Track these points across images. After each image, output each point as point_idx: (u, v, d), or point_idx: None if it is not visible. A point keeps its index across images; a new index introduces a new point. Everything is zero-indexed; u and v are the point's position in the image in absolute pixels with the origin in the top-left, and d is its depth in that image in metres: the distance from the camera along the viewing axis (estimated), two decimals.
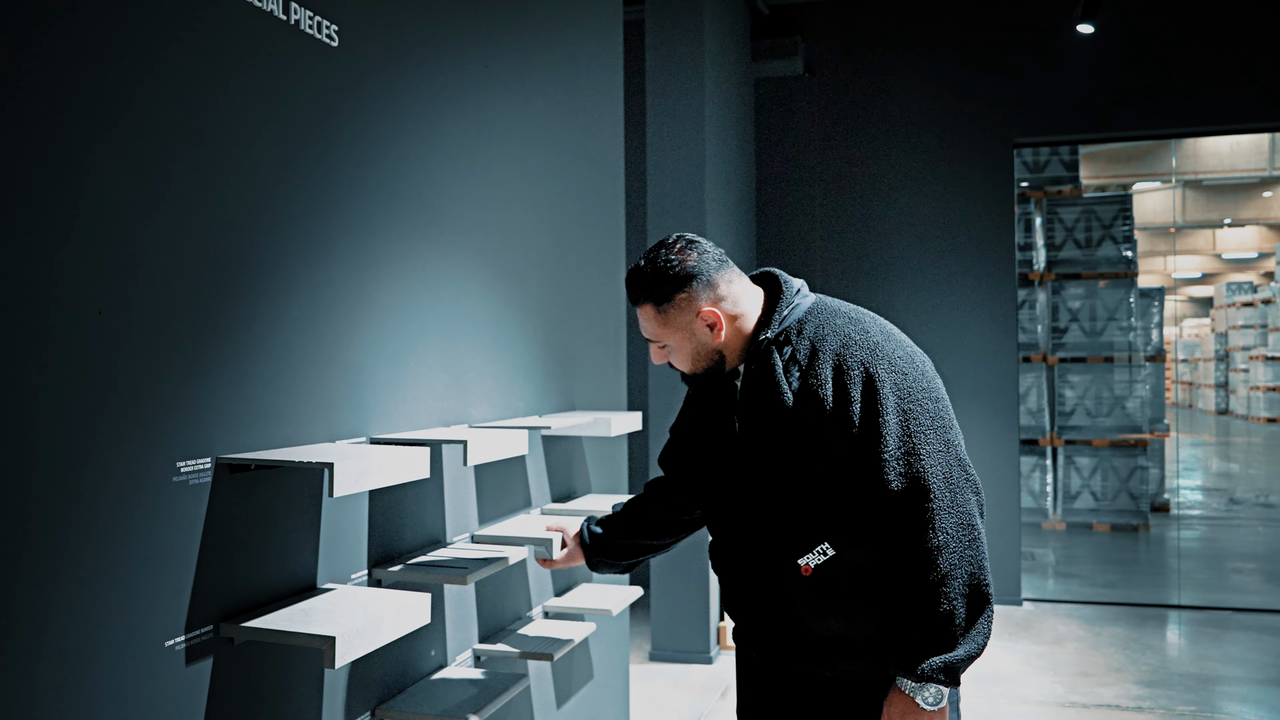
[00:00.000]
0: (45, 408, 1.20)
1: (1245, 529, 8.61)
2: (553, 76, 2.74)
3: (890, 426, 1.57)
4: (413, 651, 1.99)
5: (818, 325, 1.68)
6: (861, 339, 1.64)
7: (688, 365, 1.75)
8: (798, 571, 1.63)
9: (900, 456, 1.56)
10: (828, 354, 1.63)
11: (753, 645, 1.76)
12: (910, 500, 1.56)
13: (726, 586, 1.80)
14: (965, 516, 1.57)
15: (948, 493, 1.56)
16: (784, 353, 1.67)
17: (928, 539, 1.54)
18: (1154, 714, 4.05)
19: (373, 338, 1.88)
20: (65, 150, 1.24)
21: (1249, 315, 14.38)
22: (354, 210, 1.83)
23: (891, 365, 1.62)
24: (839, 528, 1.61)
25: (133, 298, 1.33)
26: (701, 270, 1.70)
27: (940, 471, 1.57)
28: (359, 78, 1.85)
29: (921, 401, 1.60)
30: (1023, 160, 7.88)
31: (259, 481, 1.56)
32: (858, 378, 1.60)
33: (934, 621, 1.54)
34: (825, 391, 1.60)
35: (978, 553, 1.57)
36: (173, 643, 1.39)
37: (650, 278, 1.70)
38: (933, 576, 1.54)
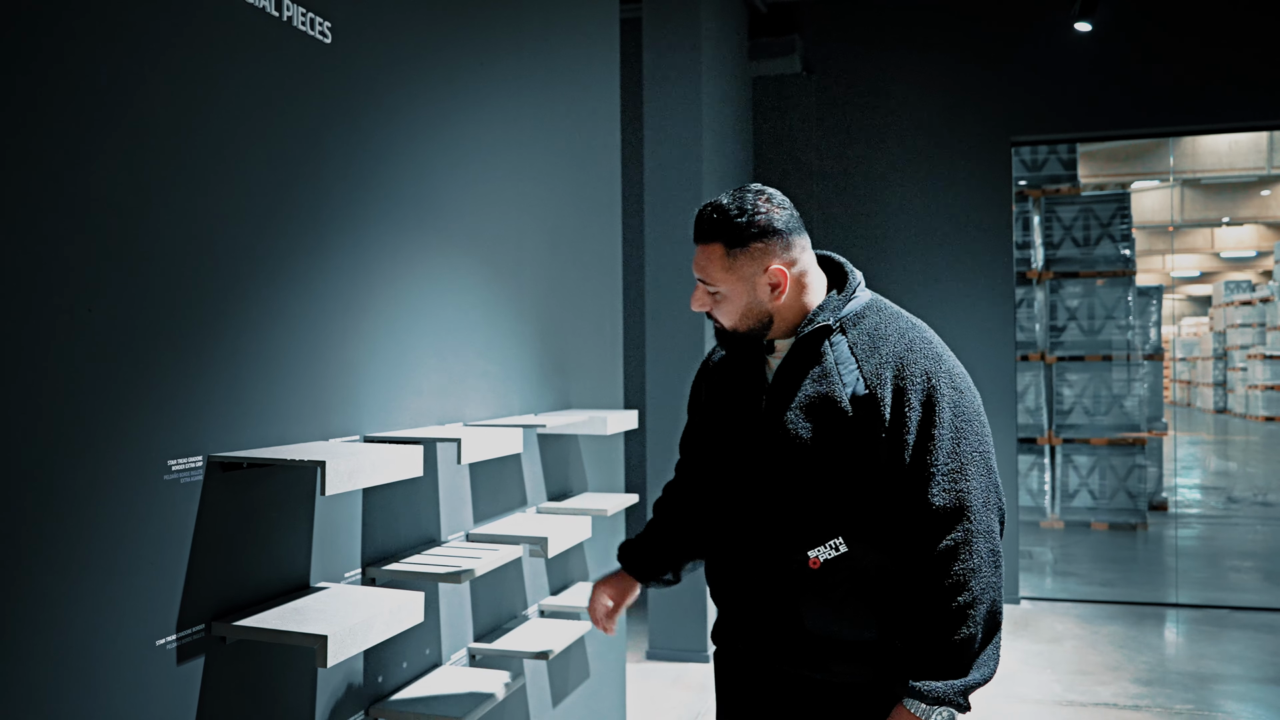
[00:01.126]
0: (34, 406, 1.20)
1: (1243, 527, 8.61)
2: (549, 74, 2.73)
3: (943, 441, 1.55)
4: (407, 650, 1.98)
5: (879, 323, 1.64)
6: (925, 347, 1.62)
7: (733, 320, 1.66)
8: (805, 563, 1.58)
9: (948, 473, 1.54)
10: (889, 355, 1.60)
11: (739, 639, 1.71)
12: (949, 519, 1.53)
13: (721, 573, 1.73)
14: (996, 543, 1.56)
15: (985, 517, 1.55)
16: (838, 341, 1.62)
17: (961, 561, 1.52)
18: (1151, 712, 4.05)
19: (366, 335, 1.87)
20: (54, 146, 1.23)
21: (1247, 314, 14.38)
22: (348, 207, 1.82)
23: (951, 380, 1.60)
24: (856, 525, 1.57)
25: (122, 295, 1.32)
26: (785, 229, 1.62)
27: (980, 495, 1.55)
28: (352, 75, 1.84)
29: (973, 422, 1.59)
30: (1021, 159, 7.88)
31: (251, 480, 1.56)
32: (919, 385, 1.57)
33: (954, 645, 1.51)
34: (883, 393, 1.57)
35: (1000, 580, 1.56)
36: (164, 642, 1.39)
37: (732, 218, 1.61)
38: (961, 599, 1.51)
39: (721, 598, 1.74)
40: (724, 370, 1.77)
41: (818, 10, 5.99)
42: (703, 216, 1.65)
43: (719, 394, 1.76)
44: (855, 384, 1.58)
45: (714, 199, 1.65)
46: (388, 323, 1.94)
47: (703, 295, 1.68)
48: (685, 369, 4.85)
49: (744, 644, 1.70)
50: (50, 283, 1.22)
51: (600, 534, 2.97)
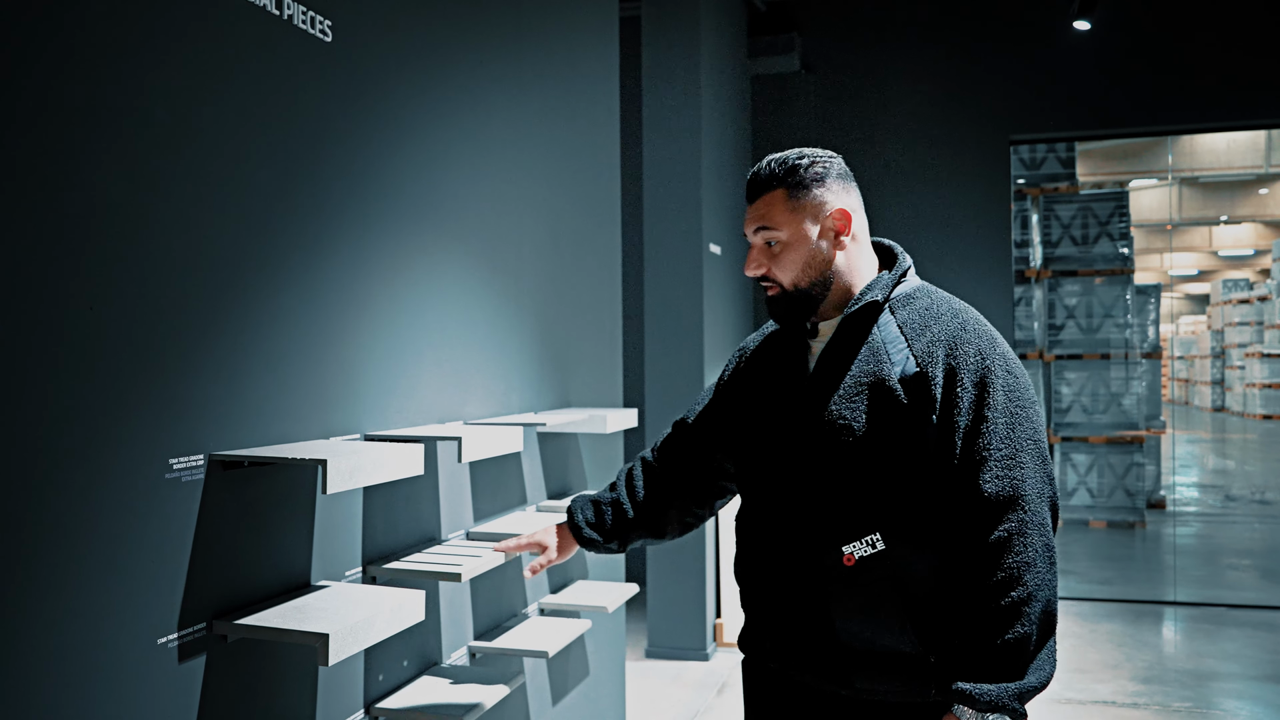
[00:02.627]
0: (35, 404, 1.20)
1: (1241, 525, 8.62)
2: (548, 73, 2.73)
3: (997, 426, 1.46)
4: (407, 649, 1.98)
5: (930, 303, 1.57)
6: (978, 327, 1.54)
7: (793, 273, 1.57)
8: (839, 560, 1.49)
9: (1000, 460, 1.45)
10: (941, 333, 1.51)
11: (766, 643, 1.60)
12: (1002, 509, 1.43)
13: (750, 571, 1.63)
14: (1049, 537, 1.46)
15: (1039, 508, 1.45)
16: (886, 321, 1.55)
17: (1015, 554, 1.41)
18: (1150, 710, 4.05)
19: (367, 334, 1.87)
20: (54, 145, 1.23)
21: (1245, 312, 14.40)
22: (348, 206, 1.82)
23: (1005, 363, 1.51)
24: (897, 521, 1.48)
25: (123, 293, 1.32)
26: (840, 174, 1.59)
27: (1035, 484, 1.45)
28: (353, 73, 1.84)
29: (1027, 408, 1.49)
30: (1019, 157, 7.88)
31: (252, 478, 1.56)
32: (973, 366, 1.48)
33: (1008, 645, 1.40)
34: (935, 372, 1.48)
35: (1055, 577, 1.45)
36: (165, 640, 1.39)
37: (794, 161, 1.56)
38: (1016, 595, 1.40)
39: (750, 599, 1.65)
40: (762, 357, 1.70)
41: (817, 9, 5.99)
42: (759, 170, 1.59)
43: (755, 381, 1.67)
44: (905, 363, 1.50)
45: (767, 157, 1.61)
46: (388, 321, 1.94)
47: (759, 252, 1.59)
48: (684, 368, 4.85)
49: (771, 646, 1.60)
50: (51, 281, 1.22)
51: None
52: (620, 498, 1.85)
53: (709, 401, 1.81)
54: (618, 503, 1.85)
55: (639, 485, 1.84)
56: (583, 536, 1.84)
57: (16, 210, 1.18)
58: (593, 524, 1.85)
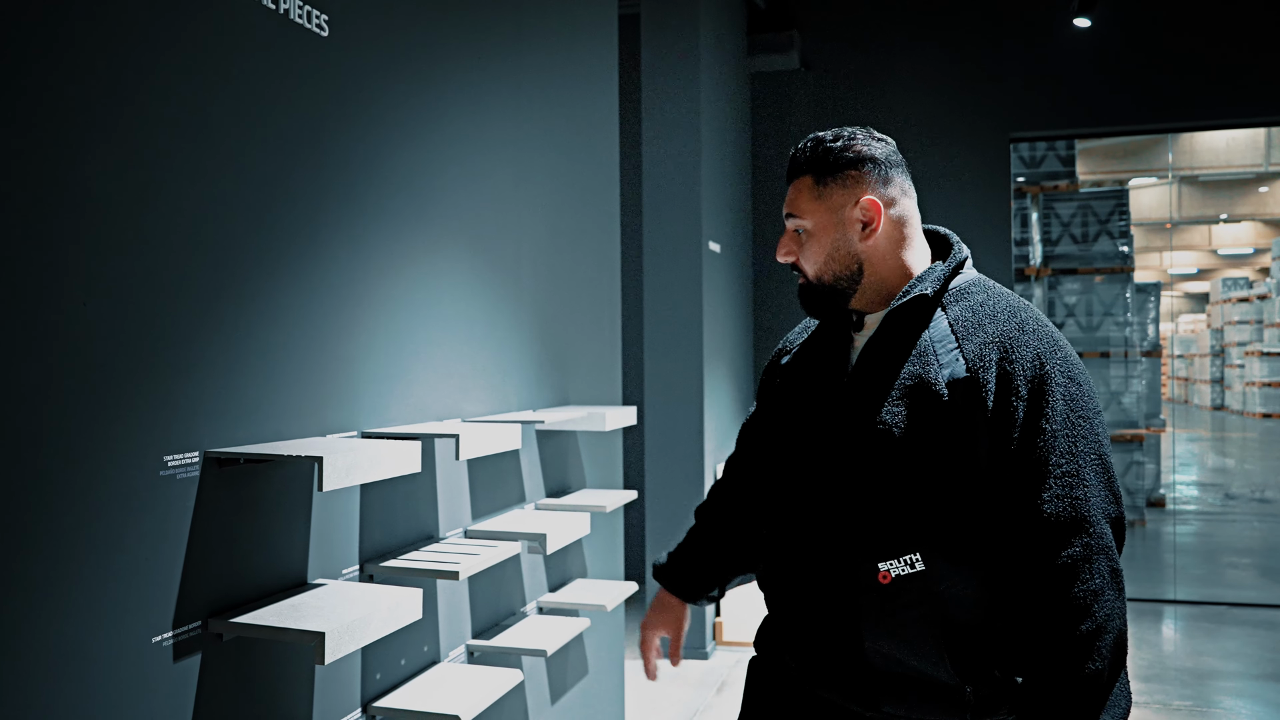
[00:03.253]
0: (27, 400, 1.18)
1: (1241, 524, 8.61)
2: (547, 69, 2.72)
3: (1058, 438, 1.32)
4: (405, 647, 1.97)
5: (986, 299, 1.43)
6: (1038, 328, 1.40)
7: (817, 264, 1.48)
8: (874, 576, 1.37)
9: (1061, 476, 1.32)
10: (995, 334, 1.38)
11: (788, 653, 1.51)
12: (1064, 531, 1.30)
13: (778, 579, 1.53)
14: (1117, 560, 1.33)
15: (1104, 530, 1.31)
16: (938, 317, 1.42)
17: (1082, 582, 1.29)
18: (1150, 709, 4.04)
19: (364, 330, 1.86)
20: (47, 140, 1.22)
21: (1244, 311, 14.40)
22: (345, 202, 1.81)
23: (1067, 367, 1.37)
24: (940, 539, 1.35)
25: (118, 288, 1.31)
26: (883, 160, 1.47)
27: (1100, 505, 1.32)
28: (349, 68, 1.83)
29: (1091, 420, 1.36)
30: (1019, 155, 7.87)
31: (248, 475, 1.54)
32: (1030, 370, 1.35)
33: (1079, 683, 1.28)
34: (987, 377, 1.35)
35: (1124, 604, 1.32)
36: (160, 639, 1.38)
37: (826, 143, 1.47)
38: (1085, 628, 1.27)
39: (775, 605, 1.55)
40: (802, 352, 1.59)
41: (816, 6, 5.97)
42: (794, 153, 1.51)
43: (793, 377, 1.57)
44: (954, 365, 1.37)
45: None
46: (385, 318, 1.93)
47: (789, 240, 1.50)
48: (683, 365, 4.84)
49: (793, 659, 1.50)
50: (44, 276, 1.21)
51: (599, 530, 2.97)
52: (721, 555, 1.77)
53: (756, 407, 1.72)
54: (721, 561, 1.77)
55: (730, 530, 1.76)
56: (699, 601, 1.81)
57: (9, 205, 1.17)
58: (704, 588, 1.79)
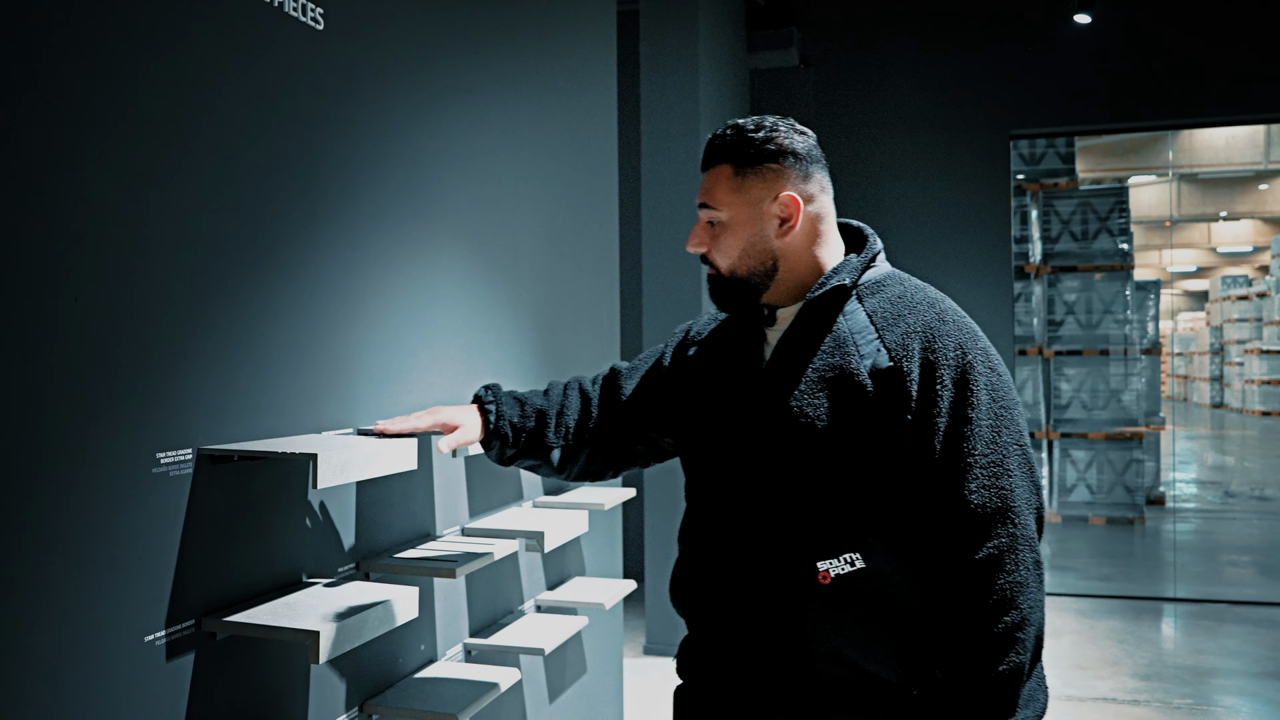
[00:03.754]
0: (16, 396, 1.17)
1: (1240, 522, 8.61)
2: (546, 66, 2.70)
3: (981, 429, 1.32)
4: (401, 646, 1.96)
5: (903, 290, 1.42)
6: (958, 319, 1.38)
7: (732, 258, 1.43)
8: (814, 577, 1.33)
9: (986, 466, 1.31)
10: (917, 323, 1.36)
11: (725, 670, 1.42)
12: (989, 521, 1.30)
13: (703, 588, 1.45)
14: (1039, 552, 1.33)
15: (1028, 521, 1.31)
16: (853, 309, 1.40)
17: (1007, 573, 1.28)
18: (1150, 707, 4.04)
19: (360, 327, 1.85)
20: (38, 134, 1.20)
21: (1244, 309, 14.40)
22: (340, 197, 1.79)
23: (988, 358, 1.36)
24: (877, 535, 1.33)
25: (109, 282, 1.30)
26: (804, 155, 1.44)
27: (1024, 495, 1.32)
28: (345, 62, 1.81)
29: (1011, 410, 1.35)
30: (1019, 153, 7.86)
31: (242, 473, 1.53)
32: (952, 360, 1.34)
33: (1000, 677, 1.27)
34: (910, 366, 1.33)
35: (1044, 597, 1.32)
36: (153, 638, 1.36)
37: (747, 132, 1.42)
38: (1008, 620, 1.27)
39: (702, 622, 1.46)
40: (711, 347, 1.54)
41: (816, 3, 5.96)
42: (713, 138, 1.45)
43: (704, 372, 1.52)
44: (876, 355, 1.35)
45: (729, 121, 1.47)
46: (381, 314, 1.91)
47: (701, 230, 1.45)
48: None
49: (733, 678, 1.42)
50: (35, 271, 1.19)
51: (597, 528, 2.95)
52: (548, 415, 1.68)
53: (646, 374, 1.67)
54: (543, 419, 1.68)
55: (571, 416, 1.69)
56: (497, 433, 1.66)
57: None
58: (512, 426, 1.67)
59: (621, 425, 1.69)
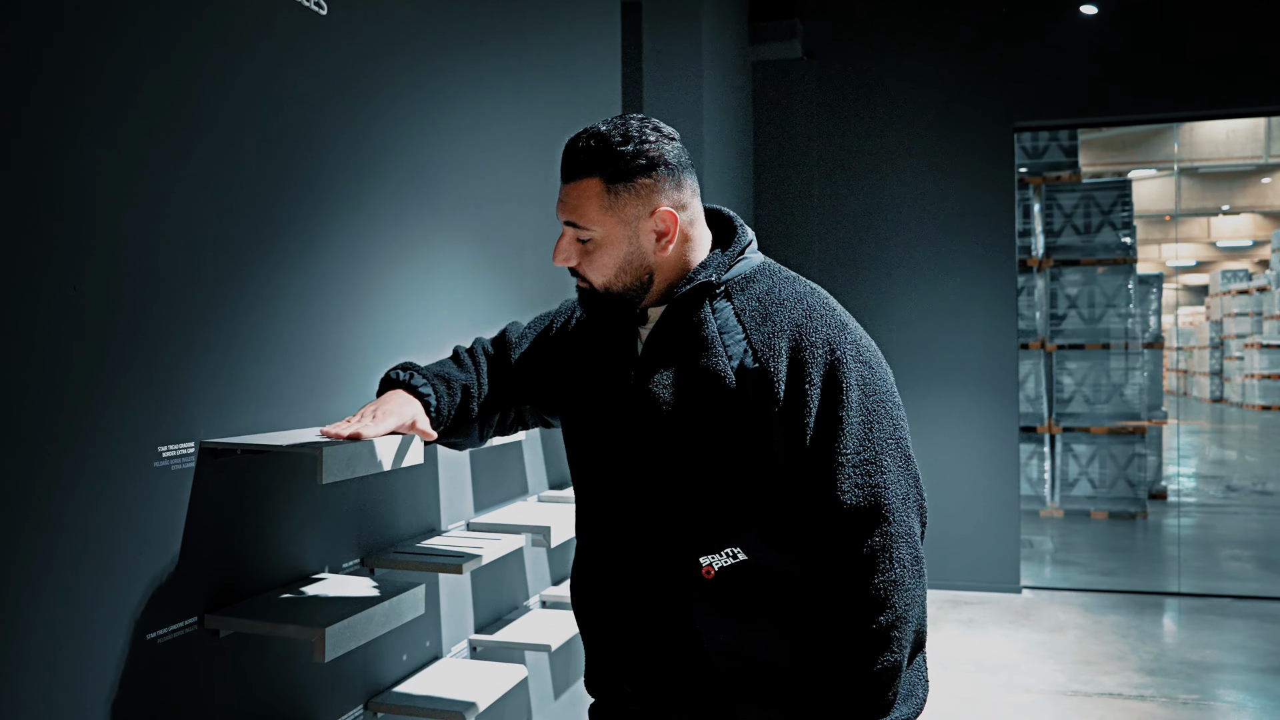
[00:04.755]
0: (15, 389, 1.14)
1: (1243, 516, 8.60)
2: (549, 57, 2.67)
3: (852, 426, 1.29)
4: (407, 642, 1.93)
5: (772, 286, 1.38)
6: (827, 314, 1.35)
7: (607, 275, 1.36)
8: (697, 572, 1.32)
9: (859, 465, 1.28)
10: (785, 322, 1.33)
11: (624, 680, 1.40)
12: (862, 521, 1.28)
13: (593, 596, 1.43)
14: (918, 548, 1.31)
15: (905, 517, 1.30)
16: (722, 306, 1.36)
17: (881, 572, 1.27)
18: (1156, 703, 4.01)
19: (364, 319, 1.81)
20: (36, 119, 1.17)
21: (1244, 303, 14.38)
22: (344, 188, 1.76)
23: (859, 353, 1.33)
24: (755, 526, 1.32)
25: (110, 272, 1.26)
26: (675, 163, 1.35)
27: (900, 491, 1.30)
28: (349, 49, 1.78)
29: (886, 404, 1.33)
30: (1021, 146, 7.82)
31: (245, 467, 1.50)
32: (821, 358, 1.30)
33: (875, 676, 1.26)
34: (777, 366, 1.30)
35: (924, 590, 1.31)
36: (155, 636, 1.33)
37: (615, 145, 1.32)
38: (883, 619, 1.26)
39: (597, 629, 1.43)
40: (585, 339, 1.49)
41: None
42: (574, 148, 1.34)
43: (581, 365, 1.47)
44: (743, 355, 1.32)
45: (588, 127, 1.36)
46: (386, 306, 1.88)
47: (569, 245, 1.37)
48: None
49: (632, 684, 1.40)
50: (32, 260, 1.16)
51: None
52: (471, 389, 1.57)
53: (530, 347, 1.60)
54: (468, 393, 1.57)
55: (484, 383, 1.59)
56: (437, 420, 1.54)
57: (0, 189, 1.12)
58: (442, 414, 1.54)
59: (510, 390, 1.60)
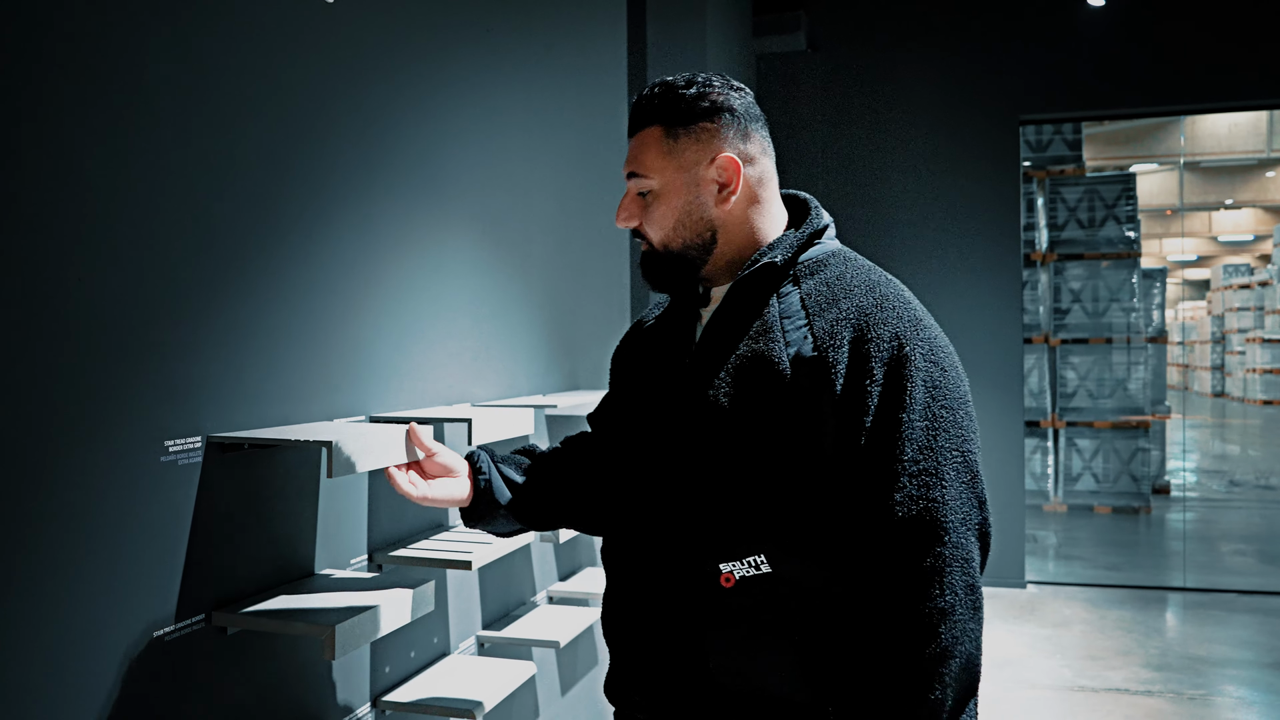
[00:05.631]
0: (22, 383, 1.11)
1: (1246, 511, 8.58)
2: (555, 48, 2.64)
3: (913, 431, 1.16)
4: (415, 639, 1.91)
5: (843, 271, 1.26)
6: (900, 306, 1.22)
7: (665, 230, 1.28)
8: (715, 580, 1.20)
9: (916, 474, 1.15)
10: (850, 310, 1.21)
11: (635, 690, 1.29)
12: (915, 538, 1.14)
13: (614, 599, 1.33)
14: (975, 575, 1.17)
15: (963, 540, 1.16)
16: (788, 291, 1.25)
17: (931, 598, 1.13)
18: (1163, 698, 4.00)
19: (372, 313, 1.79)
20: (41, 110, 1.14)
21: (1245, 297, 14.35)
22: (352, 181, 1.73)
23: (930, 351, 1.20)
24: (787, 534, 1.18)
25: (116, 265, 1.24)
26: (743, 113, 1.28)
27: (960, 510, 1.16)
28: (356, 39, 1.75)
29: (955, 412, 1.19)
30: (1025, 140, 7.79)
31: (253, 462, 1.47)
32: (885, 352, 1.18)
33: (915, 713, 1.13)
34: (837, 356, 1.18)
35: (979, 625, 1.17)
36: (162, 633, 1.31)
37: (677, 89, 1.27)
38: (930, 650, 1.12)
39: (615, 634, 1.33)
40: (650, 334, 1.40)
41: None
42: (639, 99, 1.29)
43: (640, 359, 1.39)
44: (801, 343, 1.20)
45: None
46: (394, 300, 1.86)
47: (631, 201, 1.29)
48: None
49: (640, 694, 1.29)
50: (38, 253, 1.13)
51: None
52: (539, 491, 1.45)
53: (607, 393, 1.51)
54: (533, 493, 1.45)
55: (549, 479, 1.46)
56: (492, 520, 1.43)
57: (3, 182, 1.09)
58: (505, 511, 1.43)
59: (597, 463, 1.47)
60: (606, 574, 1.36)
